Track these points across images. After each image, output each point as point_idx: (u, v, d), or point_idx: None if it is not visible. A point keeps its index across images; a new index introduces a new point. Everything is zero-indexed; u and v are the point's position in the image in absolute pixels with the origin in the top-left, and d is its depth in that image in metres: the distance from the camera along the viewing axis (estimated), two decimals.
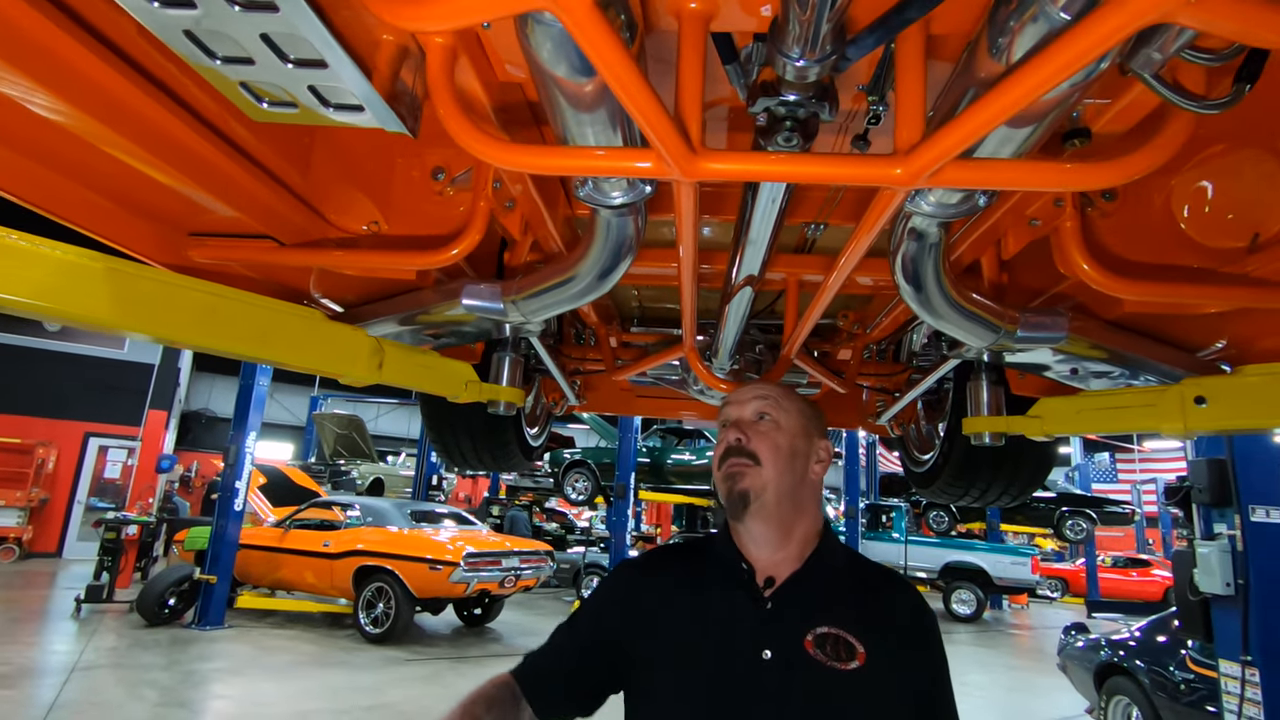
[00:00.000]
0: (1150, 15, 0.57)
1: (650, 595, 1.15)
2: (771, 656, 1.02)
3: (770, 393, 1.18)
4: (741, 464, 1.12)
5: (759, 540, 1.12)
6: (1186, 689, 4.67)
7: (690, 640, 1.07)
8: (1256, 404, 1.31)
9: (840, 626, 1.04)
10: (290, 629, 8.65)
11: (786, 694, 1.00)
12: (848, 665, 1.01)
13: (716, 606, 1.09)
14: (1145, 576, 17.47)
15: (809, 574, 1.10)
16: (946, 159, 0.81)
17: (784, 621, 1.05)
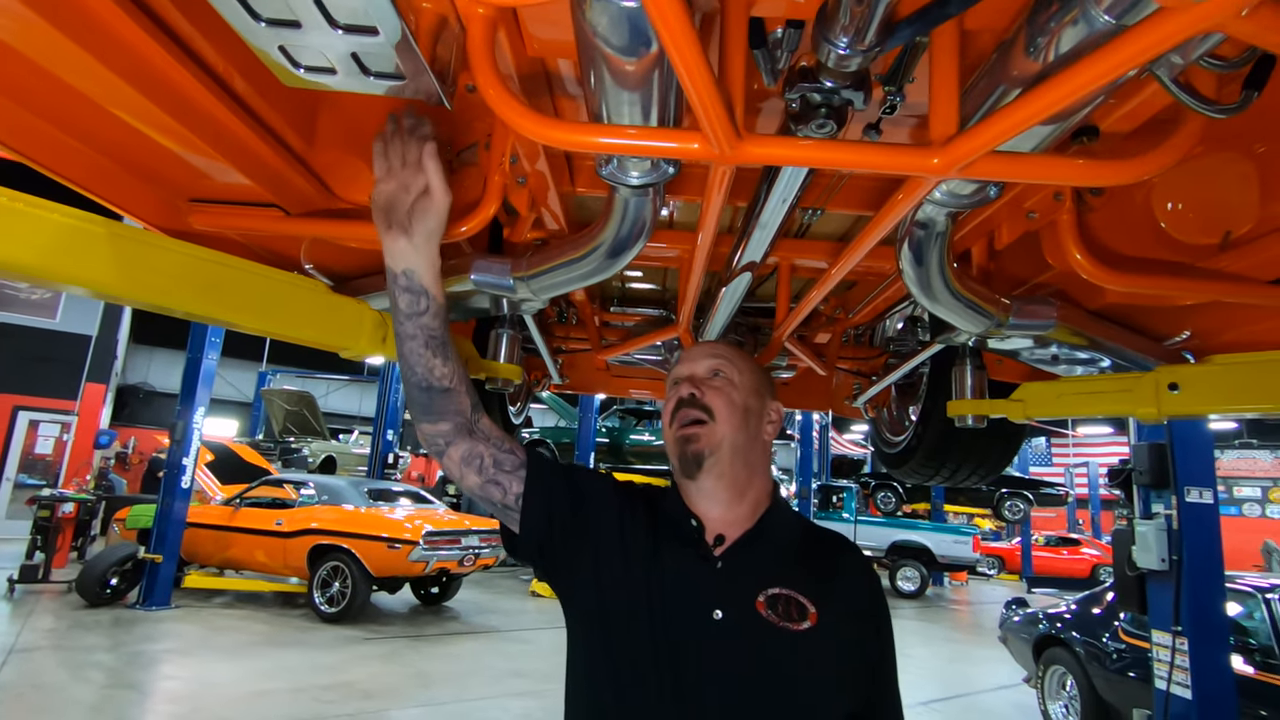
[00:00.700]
0: (1204, 25, 0.61)
1: (612, 526, 1.13)
2: (723, 617, 1.01)
3: (723, 351, 1.20)
4: (696, 419, 1.12)
5: (711, 497, 1.12)
6: (1118, 658, 4.99)
7: (642, 593, 1.05)
8: (1224, 390, 1.41)
9: (792, 587, 1.04)
10: (240, 609, 8.46)
11: (738, 654, 1.00)
12: (799, 626, 1.01)
13: (668, 562, 1.07)
14: (1075, 555, 18.45)
15: (761, 534, 1.10)
16: (983, 152, 0.85)
17: (736, 581, 1.05)
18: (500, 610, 9.74)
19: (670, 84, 0.93)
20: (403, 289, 1.10)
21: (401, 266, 1.10)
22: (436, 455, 1.17)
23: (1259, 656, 4.06)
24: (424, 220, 1.09)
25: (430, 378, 1.11)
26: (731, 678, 0.99)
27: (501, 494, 1.15)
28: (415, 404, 1.14)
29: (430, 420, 1.14)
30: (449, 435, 1.14)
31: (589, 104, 1.02)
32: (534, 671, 6.59)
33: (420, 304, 1.11)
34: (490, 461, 1.15)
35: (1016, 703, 6.63)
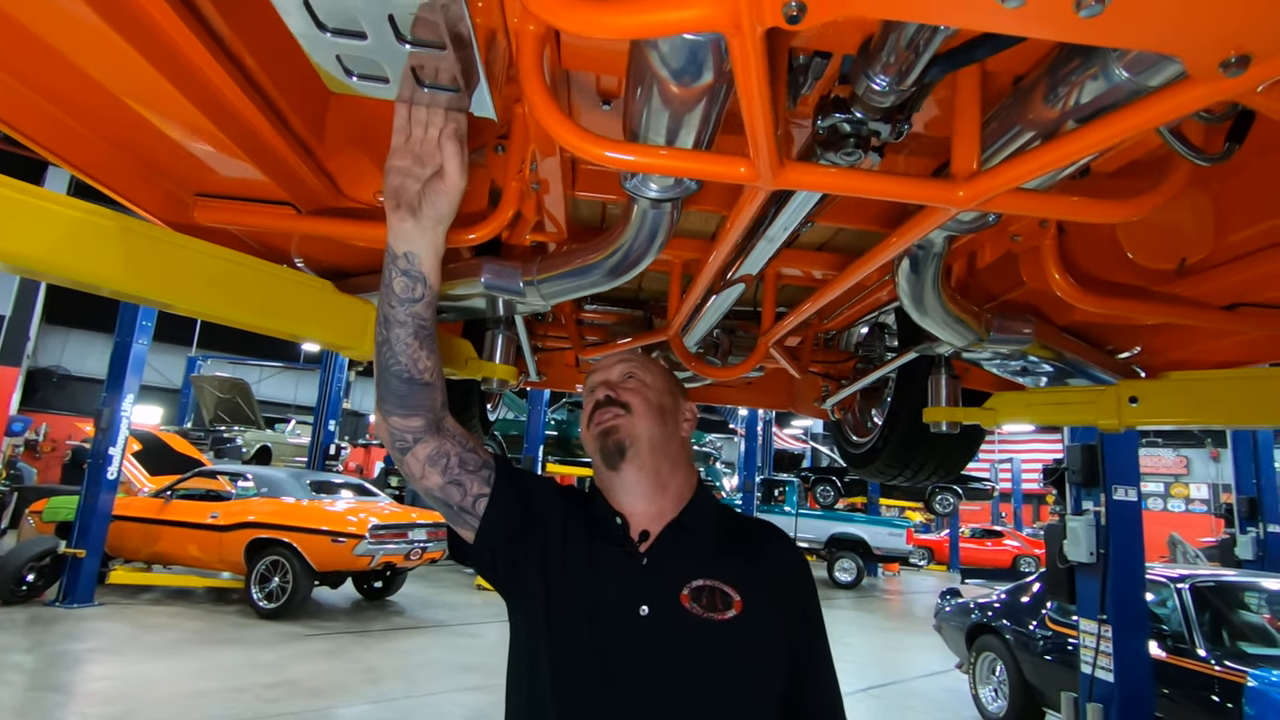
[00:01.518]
0: (1228, 96, 0.69)
1: (558, 530, 1.14)
2: (649, 612, 1.03)
3: (633, 358, 1.25)
4: (615, 413, 1.16)
5: (634, 490, 1.14)
6: (1044, 644, 5.33)
7: (580, 595, 1.07)
8: (1179, 404, 1.55)
9: (716, 578, 1.07)
10: (170, 605, 8.10)
11: (666, 648, 1.02)
12: (724, 615, 1.03)
13: (600, 562, 1.10)
14: (998, 546, 19.44)
15: (684, 527, 1.13)
16: (1005, 189, 0.92)
17: (660, 576, 1.07)
18: (446, 604, 9.62)
19: (714, 109, 0.97)
20: (401, 271, 1.06)
21: (404, 248, 1.06)
22: (400, 451, 1.12)
23: (1170, 642, 4.40)
24: (435, 202, 1.04)
25: (414, 369, 1.07)
26: (661, 672, 1.01)
27: (461, 495, 1.13)
28: (392, 395, 1.08)
29: (403, 414, 1.09)
30: (419, 432, 1.10)
31: (628, 120, 1.05)
32: (484, 665, 6.56)
33: (416, 290, 1.07)
34: (455, 461, 1.13)
35: (948, 688, 6.97)
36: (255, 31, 1.04)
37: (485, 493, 1.14)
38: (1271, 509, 7.82)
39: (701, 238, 1.91)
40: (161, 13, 0.84)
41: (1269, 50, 0.62)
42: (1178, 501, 26.21)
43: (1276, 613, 5.02)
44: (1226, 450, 9.76)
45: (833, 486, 17.06)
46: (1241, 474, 8.24)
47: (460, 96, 0.93)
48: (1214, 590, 4.60)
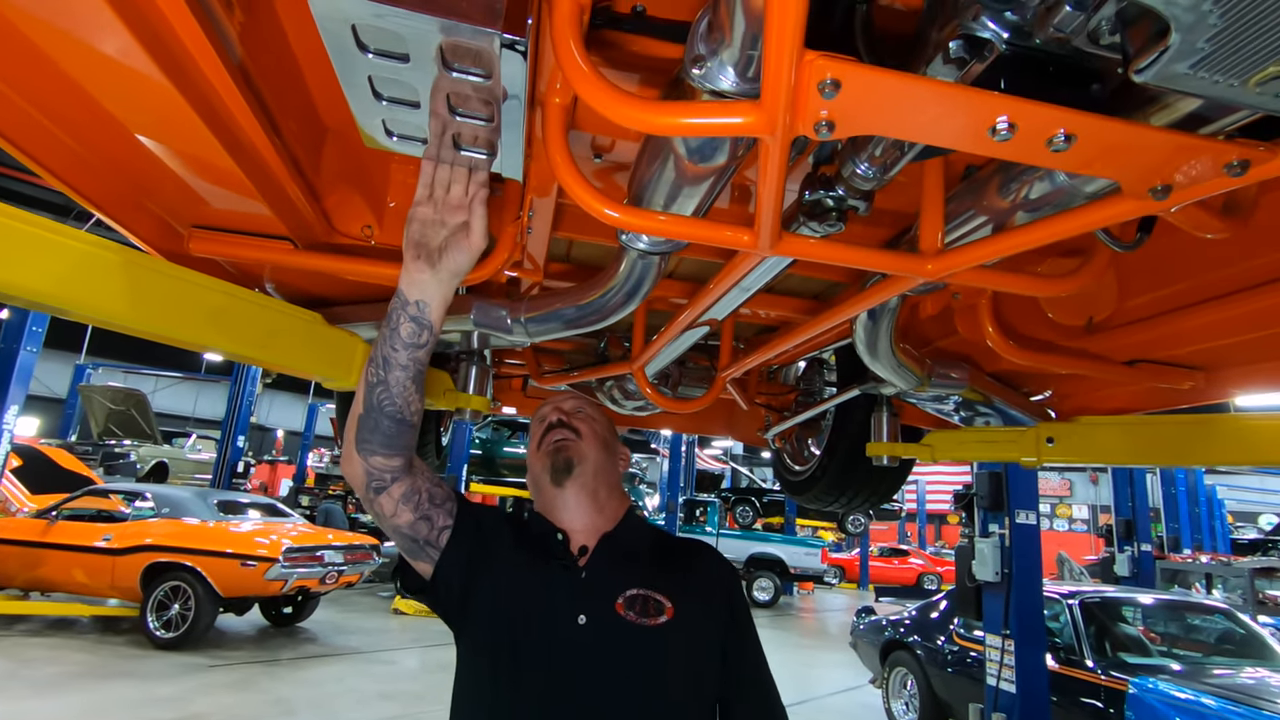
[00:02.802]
0: (1152, 211, 0.85)
1: (505, 554, 1.20)
2: (586, 621, 1.10)
3: (583, 399, 1.38)
4: (566, 435, 1.26)
5: (574, 508, 1.22)
6: (952, 659, 5.68)
7: (521, 611, 1.13)
8: (1088, 445, 1.77)
9: (648, 587, 1.15)
10: (51, 636, 7.43)
11: (602, 653, 1.09)
12: (657, 620, 1.11)
13: (539, 578, 1.16)
14: (904, 564, 20.40)
15: (618, 541, 1.21)
16: (967, 266, 1.07)
17: (596, 587, 1.14)
18: (361, 630, 9.24)
19: (719, 184, 1.08)
20: (410, 317, 1.08)
21: (416, 296, 1.08)
22: (375, 491, 1.13)
23: (1062, 654, 4.80)
24: (455, 258, 1.07)
25: (406, 410, 1.10)
26: (600, 676, 1.08)
27: (429, 529, 1.17)
28: (379, 435, 1.09)
29: (386, 454, 1.11)
30: (397, 471, 1.13)
31: (635, 182, 1.15)
32: (404, 693, 6.36)
33: (422, 336, 1.09)
34: (426, 497, 1.17)
35: (862, 703, 7.28)
36: (275, 71, 1.08)
37: (449, 525, 1.19)
38: (1144, 530, 8.63)
39: (666, 277, 2.01)
40: (203, 54, 0.86)
41: (1186, 184, 0.78)
42: (1062, 521, 28.32)
43: (1150, 625, 5.56)
44: (1105, 475, 10.71)
45: (751, 507, 17.51)
46: (1119, 498, 9.06)
47: (489, 159, 1.00)
48: (1100, 605, 5.05)
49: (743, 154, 0.98)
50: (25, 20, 0.79)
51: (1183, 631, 5.54)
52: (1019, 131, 0.72)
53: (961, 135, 0.74)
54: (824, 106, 0.71)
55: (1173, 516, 12.52)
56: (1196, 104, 0.74)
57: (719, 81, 0.81)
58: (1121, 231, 1.24)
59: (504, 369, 2.76)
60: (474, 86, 0.82)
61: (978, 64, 0.74)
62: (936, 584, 18.25)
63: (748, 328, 2.56)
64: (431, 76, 0.81)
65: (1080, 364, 1.65)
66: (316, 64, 1.16)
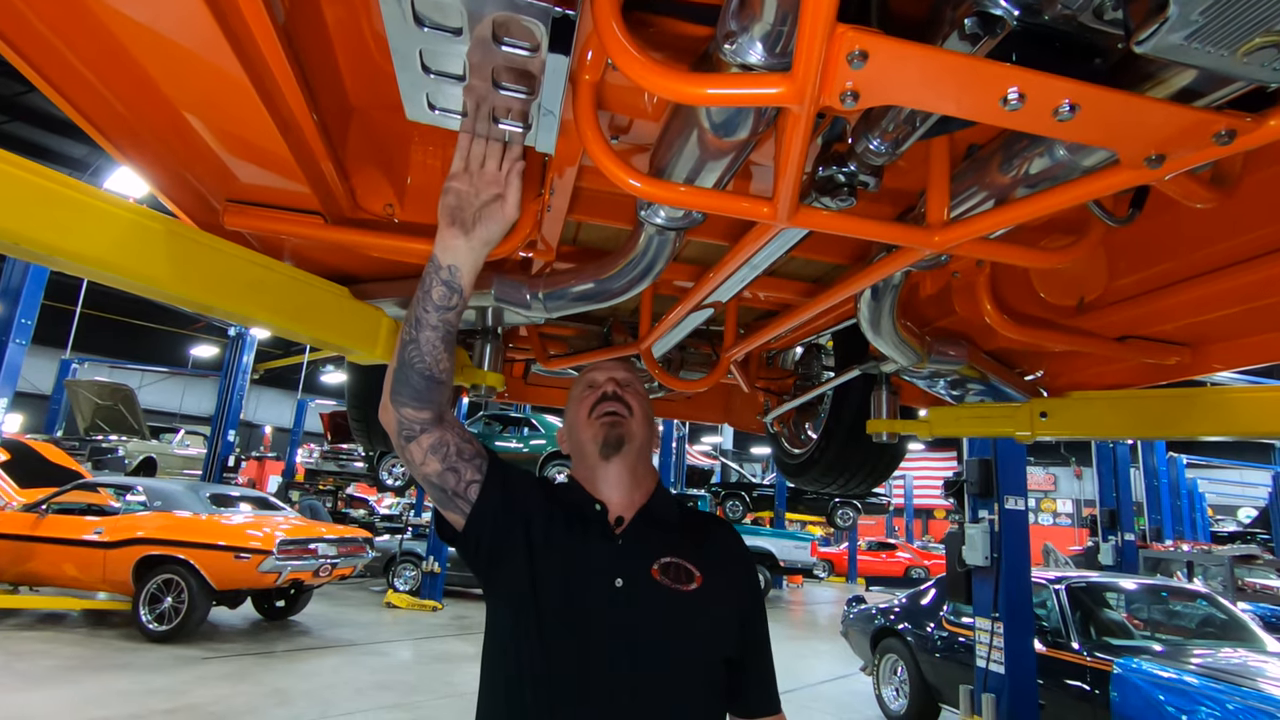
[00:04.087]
0: (1146, 180, 0.92)
1: (539, 515, 1.25)
2: (623, 584, 1.17)
3: (634, 373, 1.43)
4: (620, 410, 1.31)
5: (615, 483, 1.28)
6: (942, 644, 5.78)
7: (559, 572, 1.19)
8: (1080, 419, 1.85)
9: (680, 556, 1.23)
10: (42, 630, 7.41)
11: (638, 613, 1.16)
12: (689, 587, 1.19)
13: (577, 543, 1.22)
14: (892, 557, 20.62)
15: (652, 515, 1.28)
16: (971, 238, 1.14)
17: (633, 554, 1.22)
18: (354, 623, 9.26)
19: (740, 157, 1.14)
20: (443, 281, 1.14)
21: (449, 261, 1.14)
22: (405, 439, 1.20)
23: (1050, 637, 4.92)
24: (489, 226, 1.14)
25: (436, 369, 1.16)
26: (632, 634, 1.15)
27: (456, 480, 1.23)
28: (409, 389, 1.16)
29: (416, 406, 1.17)
30: (426, 423, 1.19)
31: (658, 157, 1.20)
32: (400, 684, 6.40)
33: (453, 300, 1.16)
34: (454, 450, 1.22)
35: (852, 690, 7.39)
36: (314, 50, 1.13)
37: (478, 479, 1.24)
38: (1128, 520, 8.80)
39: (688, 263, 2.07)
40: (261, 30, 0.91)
41: (1178, 153, 0.85)
42: (1047, 515, 28.70)
43: (1134, 610, 5.70)
44: (1089, 469, 10.90)
45: (741, 501, 17.59)
46: (1104, 489, 9.24)
47: (524, 132, 1.05)
48: (1085, 590, 5.17)
49: (763, 129, 1.04)
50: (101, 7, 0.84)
51: (1165, 616, 5.69)
52: (1028, 102, 0.78)
53: (975, 105, 0.80)
54: (850, 77, 0.77)
55: (1155, 509, 12.76)
56: (1189, 78, 0.81)
57: (749, 56, 0.86)
58: (1115, 208, 1.32)
59: (508, 353, 2.80)
60: (519, 60, 0.87)
61: (990, 40, 0.80)
62: (925, 576, 18.45)
63: (748, 313, 2.63)
64: (481, 50, 0.86)
65: (1073, 339, 1.72)
66: (347, 42, 1.21)
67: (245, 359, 11.50)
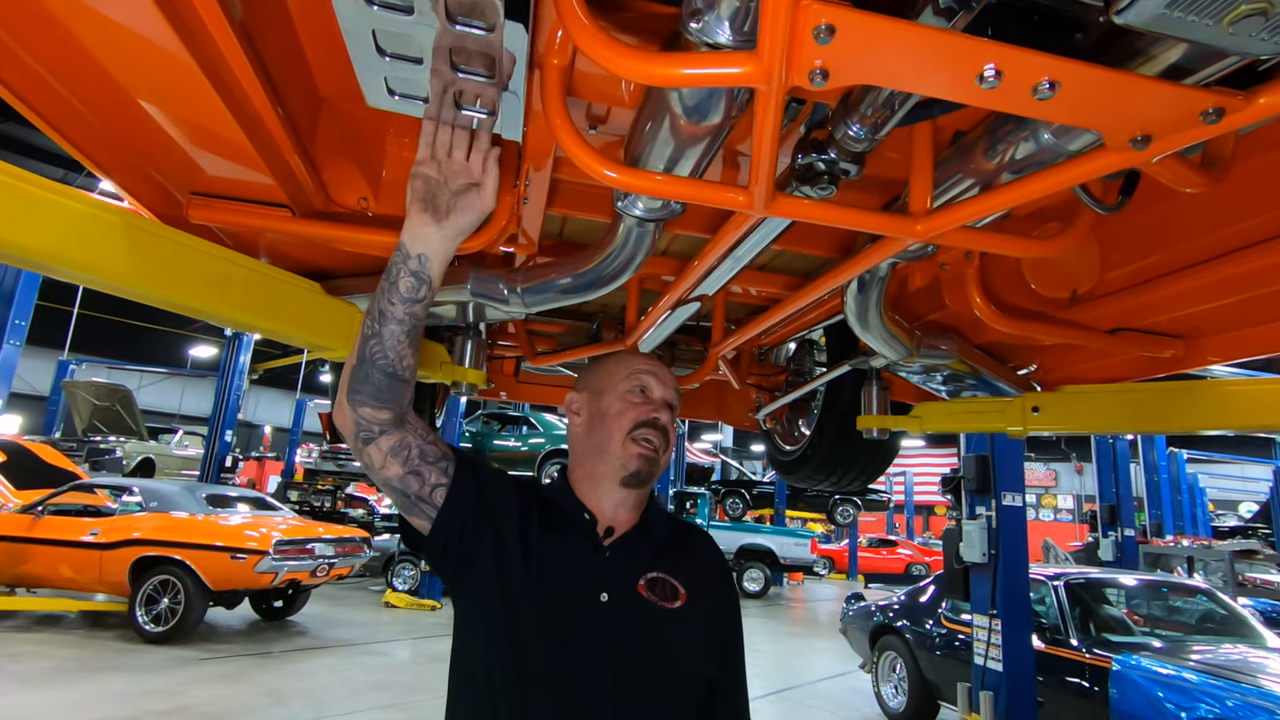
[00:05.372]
0: (1132, 164, 0.88)
1: (513, 520, 1.18)
2: (609, 599, 1.12)
3: (678, 388, 1.34)
4: (661, 441, 1.23)
5: (616, 503, 1.22)
6: (940, 641, 5.75)
7: (537, 581, 1.12)
8: (1072, 413, 1.81)
9: (666, 572, 1.19)
10: (39, 632, 7.38)
11: (622, 629, 1.11)
12: (673, 604, 1.15)
13: (561, 552, 1.16)
14: (892, 554, 20.60)
15: (643, 529, 1.23)
16: (955, 226, 1.10)
17: (620, 568, 1.17)
18: (352, 623, 9.23)
19: (714, 145, 1.10)
20: (411, 271, 1.08)
21: (419, 250, 1.08)
22: (363, 442, 1.13)
23: (1048, 634, 4.88)
24: (463, 215, 1.08)
25: (399, 365, 1.10)
26: (615, 649, 1.10)
27: (419, 485, 1.15)
28: (369, 387, 1.09)
29: (375, 405, 1.11)
30: (386, 424, 1.12)
31: (632, 145, 1.17)
32: (396, 684, 6.37)
33: (420, 292, 1.09)
34: (416, 453, 1.15)
35: (851, 688, 7.37)
36: (273, 37, 1.09)
37: (443, 483, 1.16)
38: (1128, 515, 8.76)
39: (657, 255, 2.04)
40: (209, 12, 0.87)
41: (1165, 133, 0.81)
42: (1048, 511, 28.67)
43: (1133, 606, 5.66)
44: (1089, 465, 10.86)
45: (741, 499, 17.57)
46: (1104, 484, 9.20)
47: (490, 119, 1.01)
48: (1083, 586, 5.14)
49: (736, 113, 1.00)
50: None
51: (1165, 612, 5.65)
52: (1005, 79, 0.74)
53: (950, 83, 0.76)
54: (818, 55, 0.74)
55: (1155, 504, 12.71)
56: (1178, 54, 0.77)
57: (716, 35, 0.83)
58: (1104, 196, 1.28)
59: (496, 350, 2.77)
60: (476, 41, 0.84)
61: (965, 14, 0.77)
62: (926, 573, 18.43)
63: (739, 308, 2.59)
64: (434, 30, 0.82)
65: (1064, 332, 1.69)
66: (313, 31, 1.17)
67: (242, 359, 11.47)
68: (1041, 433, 1.86)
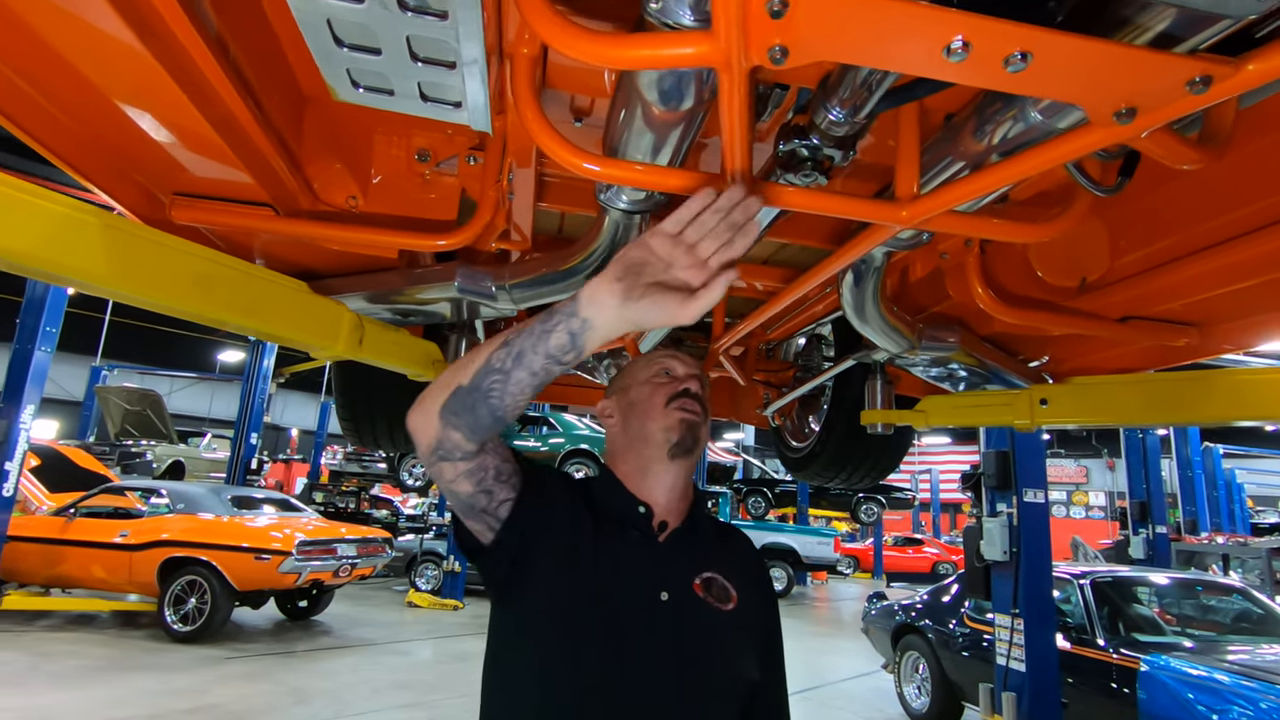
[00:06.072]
0: (1120, 140, 0.84)
1: (570, 521, 1.15)
2: (668, 599, 1.09)
3: (703, 371, 1.31)
4: (699, 410, 1.20)
5: (668, 486, 1.19)
6: (963, 641, 5.65)
7: (592, 581, 1.09)
8: (1082, 406, 1.75)
9: (718, 571, 1.16)
10: (72, 631, 7.57)
11: (681, 633, 1.07)
12: (726, 606, 1.12)
13: (616, 547, 1.12)
14: (919, 553, 20.31)
15: (695, 523, 1.21)
16: (942, 210, 1.06)
17: (676, 565, 1.14)
18: (376, 623, 9.33)
19: (690, 132, 1.08)
20: (570, 331, 0.94)
21: (588, 314, 0.93)
22: (440, 458, 1.06)
23: (1074, 633, 4.76)
24: (651, 311, 0.90)
25: (510, 411, 1.01)
26: (677, 653, 1.06)
27: (487, 500, 1.11)
28: (470, 416, 1.01)
29: (468, 435, 1.03)
30: (470, 453, 1.06)
31: (609, 137, 1.14)
32: (418, 683, 6.42)
33: (567, 355, 0.97)
34: (491, 474, 1.11)
35: (874, 688, 7.26)
36: (247, 38, 1.08)
37: (510, 498, 1.12)
38: (1159, 512, 8.53)
39: None
40: (174, 16, 0.87)
41: (1150, 106, 0.77)
42: (1079, 508, 28.08)
43: (1164, 605, 5.50)
44: (1121, 460, 10.61)
45: (764, 498, 17.43)
46: (1133, 480, 8.97)
47: (457, 111, 0.99)
48: (1111, 585, 5.00)
49: (710, 97, 0.98)
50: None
51: (1198, 611, 5.48)
52: (974, 51, 0.71)
53: (916, 57, 0.73)
54: (775, 31, 0.71)
55: (1190, 500, 12.37)
56: (1167, 20, 0.73)
57: (676, 16, 0.80)
58: (1103, 176, 1.23)
59: None
60: (434, 28, 0.82)
61: None
62: (953, 571, 18.14)
63: (745, 304, 2.55)
64: (390, 17, 0.81)
65: (1071, 321, 1.63)
66: (293, 31, 1.17)
67: (266, 363, 11.65)
68: (1051, 426, 1.81)
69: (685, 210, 0.89)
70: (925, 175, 1.19)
